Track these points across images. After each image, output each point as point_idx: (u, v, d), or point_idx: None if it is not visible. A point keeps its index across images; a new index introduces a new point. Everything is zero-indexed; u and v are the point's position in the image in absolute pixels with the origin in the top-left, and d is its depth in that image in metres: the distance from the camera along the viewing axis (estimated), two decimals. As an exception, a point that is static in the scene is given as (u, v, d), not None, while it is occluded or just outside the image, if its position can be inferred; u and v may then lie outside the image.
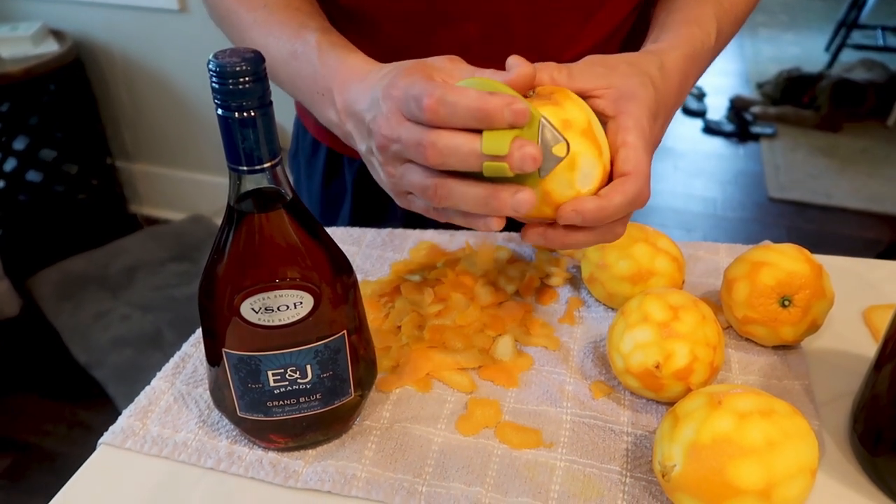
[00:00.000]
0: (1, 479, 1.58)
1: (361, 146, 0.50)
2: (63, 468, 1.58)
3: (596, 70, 0.47)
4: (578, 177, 0.43)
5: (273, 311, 0.42)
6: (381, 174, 0.49)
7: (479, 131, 0.40)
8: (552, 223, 0.45)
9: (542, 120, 0.40)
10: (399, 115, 0.43)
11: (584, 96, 0.46)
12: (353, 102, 0.49)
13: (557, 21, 0.63)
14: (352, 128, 0.50)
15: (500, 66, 0.45)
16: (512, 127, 0.39)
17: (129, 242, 2.23)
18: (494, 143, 0.39)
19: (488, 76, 0.43)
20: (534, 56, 0.47)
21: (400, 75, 0.44)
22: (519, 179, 0.41)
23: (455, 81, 0.44)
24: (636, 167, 0.44)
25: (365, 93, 0.48)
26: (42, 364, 1.89)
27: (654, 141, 0.47)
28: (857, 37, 3.65)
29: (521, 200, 0.41)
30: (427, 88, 0.41)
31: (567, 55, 0.64)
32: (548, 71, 0.47)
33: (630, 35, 0.69)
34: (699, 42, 0.56)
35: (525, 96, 0.43)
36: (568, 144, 0.41)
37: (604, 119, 0.47)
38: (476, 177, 0.42)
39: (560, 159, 0.41)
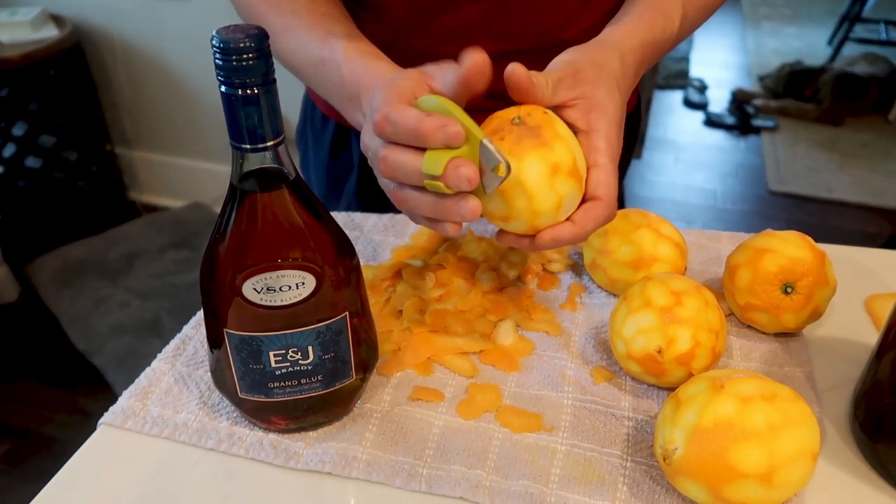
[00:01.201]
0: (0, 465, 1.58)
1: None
2: (61, 454, 1.57)
3: (566, 81, 0.48)
4: (562, 212, 0.46)
5: (275, 291, 0.42)
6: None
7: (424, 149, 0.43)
8: (525, 236, 0.48)
9: (483, 141, 0.41)
10: (371, 127, 0.46)
11: (557, 108, 0.48)
12: None
13: (555, 3, 0.64)
14: None
15: (503, 43, 0.46)
16: (447, 147, 0.41)
17: (129, 229, 2.23)
18: (431, 163, 0.42)
19: (453, 74, 0.44)
20: (533, 36, 0.49)
21: (379, 89, 0.46)
22: (467, 194, 0.43)
23: (435, 86, 0.46)
24: (607, 192, 0.47)
25: None
26: (41, 350, 1.89)
27: (618, 151, 0.49)
28: (859, 31, 3.64)
29: (465, 209, 0.43)
30: (380, 105, 0.44)
31: (566, 35, 0.65)
32: (540, 88, 0.47)
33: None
34: (660, 29, 0.57)
35: (512, 122, 0.45)
36: (508, 166, 0.42)
37: (574, 130, 0.48)
38: None
39: (502, 179, 0.42)
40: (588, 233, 0.47)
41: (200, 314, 0.59)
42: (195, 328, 0.58)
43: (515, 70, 0.45)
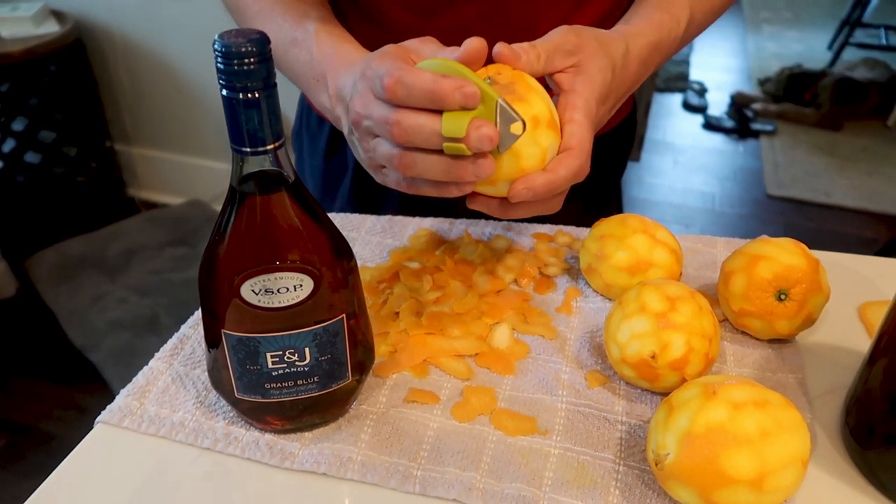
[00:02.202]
0: (-4, 459, 1.58)
1: (345, 128, 0.53)
2: (58, 450, 1.58)
3: (566, 47, 0.50)
4: (547, 163, 0.47)
5: (273, 292, 0.42)
6: (358, 150, 0.52)
7: (440, 112, 0.43)
8: (496, 198, 0.49)
9: (499, 100, 0.42)
10: (370, 94, 0.46)
11: (550, 74, 0.50)
12: (341, 88, 0.52)
13: (552, 4, 0.65)
14: (340, 112, 0.53)
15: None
16: (463, 108, 0.42)
17: (127, 226, 2.23)
18: (453, 125, 0.42)
19: (448, 56, 0.46)
20: (529, 37, 0.50)
21: (375, 58, 0.47)
22: (483, 153, 0.44)
23: (421, 61, 0.46)
24: (580, 143, 0.47)
25: (351, 78, 0.51)
26: (38, 346, 1.89)
27: (598, 122, 0.51)
28: (860, 35, 3.64)
29: (482, 169, 0.44)
30: (389, 69, 0.44)
31: None
32: (527, 58, 0.48)
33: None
34: (666, 31, 0.58)
35: (484, 80, 0.45)
36: (524, 123, 0.43)
37: (557, 90, 0.50)
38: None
39: (517, 137, 0.44)
40: (561, 181, 0.46)
41: (198, 313, 0.60)
42: (193, 327, 0.58)
43: (501, 51, 0.47)
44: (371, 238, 0.70)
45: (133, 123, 2.39)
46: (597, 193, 0.81)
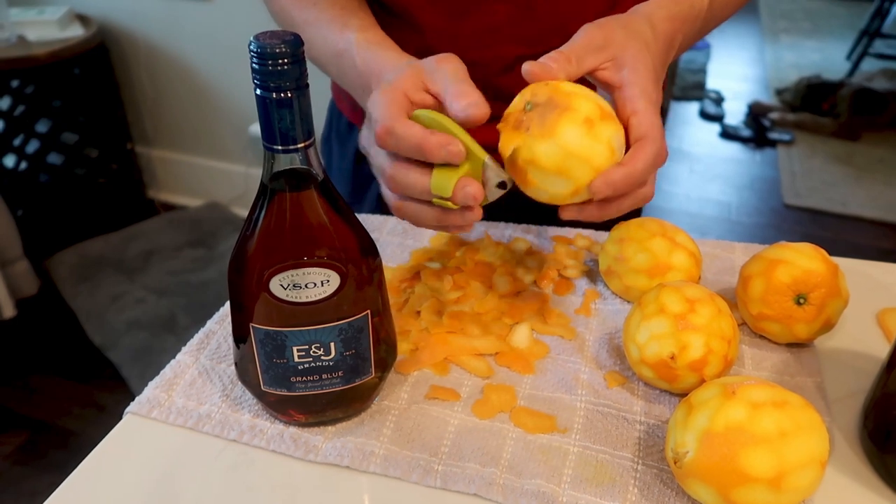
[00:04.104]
0: (15, 455, 1.60)
1: None
2: (76, 446, 1.61)
3: (595, 43, 0.50)
4: (616, 156, 0.47)
5: (301, 287, 0.43)
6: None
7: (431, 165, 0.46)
8: (587, 203, 0.49)
9: (486, 160, 0.46)
10: (372, 136, 0.49)
11: (590, 73, 0.50)
12: None
13: (583, 4, 0.66)
14: None
15: (527, 47, 0.48)
16: (447, 164, 0.46)
17: (147, 227, 2.26)
18: (440, 184, 0.46)
19: (454, 104, 0.47)
20: (558, 39, 0.50)
21: (379, 92, 0.49)
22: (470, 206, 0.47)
23: (434, 89, 0.48)
24: (650, 129, 0.47)
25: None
26: (58, 344, 1.91)
27: (657, 99, 0.50)
28: (879, 46, 3.63)
29: (469, 219, 0.48)
30: (383, 116, 0.46)
31: None
32: (559, 65, 0.49)
33: None
34: (688, 4, 0.58)
35: (525, 111, 0.47)
36: (510, 181, 0.47)
37: (608, 90, 0.50)
38: None
39: (504, 192, 0.47)
40: (640, 171, 0.46)
41: (223, 310, 0.61)
42: (219, 323, 0.60)
43: (531, 70, 0.48)
44: (392, 239, 0.71)
45: (154, 126, 2.42)
46: None
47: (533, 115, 0.46)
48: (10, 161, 2.21)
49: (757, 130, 3.03)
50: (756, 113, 3.14)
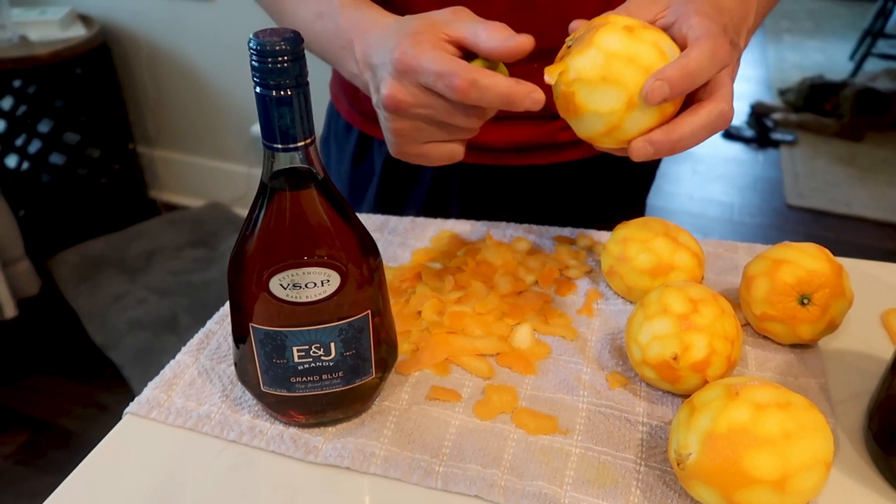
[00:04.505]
0: (17, 455, 1.60)
1: (374, 97, 0.52)
2: (78, 446, 1.61)
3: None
4: (669, 58, 0.43)
5: (301, 287, 0.43)
6: (386, 127, 0.52)
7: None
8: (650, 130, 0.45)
9: None
10: (413, 85, 0.47)
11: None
12: (369, 54, 0.52)
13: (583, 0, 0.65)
14: (369, 78, 0.53)
15: None
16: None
17: (148, 227, 2.26)
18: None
19: (486, 43, 0.46)
20: (558, 33, 0.50)
21: (409, 42, 0.47)
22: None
23: (457, 35, 0.47)
24: (704, 30, 0.43)
25: (380, 44, 0.51)
26: (60, 344, 1.91)
27: (724, 26, 0.45)
28: (882, 46, 3.62)
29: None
30: (456, 69, 0.45)
31: None
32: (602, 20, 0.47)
33: None
34: None
35: (567, 48, 0.46)
36: None
37: (670, 33, 0.46)
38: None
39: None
40: (697, 66, 0.42)
41: (223, 310, 0.61)
42: (218, 323, 0.59)
43: (576, 25, 0.48)
44: (393, 238, 0.71)
45: (155, 126, 2.43)
46: (622, 209, 0.81)
47: (574, 45, 0.45)
48: (12, 161, 2.21)
49: (760, 131, 3.02)
50: (759, 113, 3.13)
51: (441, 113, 0.48)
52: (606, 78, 0.43)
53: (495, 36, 0.46)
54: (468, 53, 0.49)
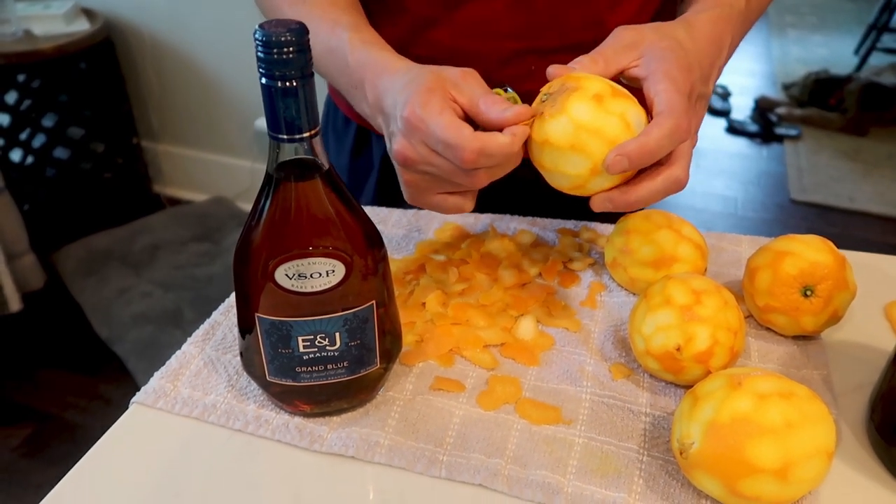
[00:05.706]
0: (21, 448, 1.61)
1: (387, 144, 0.54)
2: (82, 439, 1.61)
3: (625, 42, 0.51)
4: (633, 130, 0.46)
5: (306, 277, 0.43)
6: (399, 177, 0.54)
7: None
8: (613, 189, 0.49)
9: None
10: (421, 145, 0.49)
11: (621, 72, 0.51)
12: (382, 100, 0.54)
13: (580, 1, 0.65)
14: (382, 123, 0.55)
15: (525, 41, 0.53)
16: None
17: (153, 221, 2.26)
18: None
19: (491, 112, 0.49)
20: (554, 34, 0.50)
21: (418, 102, 0.48)
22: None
23: (467, 100, 0.49)
24: (668, 104, 0.47)
25: (390, 92, 0.52)
26: (64, 337, 1.92)
27: (690, 89, 0.50)
28: (887, 40, 3.60)
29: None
30: (462, 142, 0.46)
31: (588, 36, 0.65)
32: (582, 66, 0.50)
33: (657, 18, 0.69)
34: (727, 5, 0.58)
35: (542, 102, 0.49)
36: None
37: (639, 84, 0.50)
38: None
39: None
40: (656, 142, 0.45)
41: (229, 300, 0.61)
42: (224, 314, 0.60)
43: (554, 72, 0.49)
44: (397, 231, 0.71)
45: (159, 121, 2.43)
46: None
47: (547, 103, 0.48)
48: (16, 155, 2.22)
49: (763, 125, 3.01)
50: (763, 108, 3.12)
51: (446, 173, 0.50)
52: (574, 147, 0.46)
53: (492, 109, 0.48)
54: None
